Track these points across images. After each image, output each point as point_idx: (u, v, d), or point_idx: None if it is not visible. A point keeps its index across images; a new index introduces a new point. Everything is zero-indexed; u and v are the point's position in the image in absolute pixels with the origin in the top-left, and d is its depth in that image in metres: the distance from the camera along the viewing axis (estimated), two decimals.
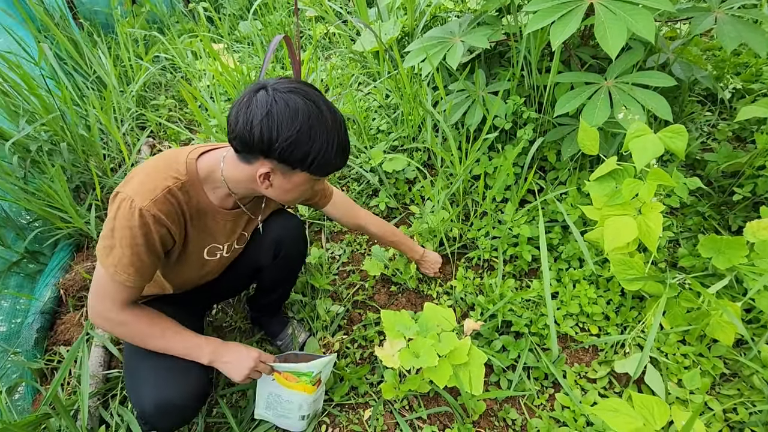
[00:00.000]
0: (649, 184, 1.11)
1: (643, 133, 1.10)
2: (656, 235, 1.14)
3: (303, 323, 1.48)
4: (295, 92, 0.78)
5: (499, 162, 1.72)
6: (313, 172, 0.85)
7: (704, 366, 1.17)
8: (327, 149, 0.81)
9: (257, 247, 1.15)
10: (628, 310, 1.32)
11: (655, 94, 1.35)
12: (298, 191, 0.91)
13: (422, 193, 1.83)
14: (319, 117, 0.79)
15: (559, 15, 1.21)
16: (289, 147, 0.78)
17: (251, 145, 0.79)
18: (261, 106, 0.76)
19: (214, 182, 0.93)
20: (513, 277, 1.55)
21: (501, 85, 1.74)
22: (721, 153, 1.62)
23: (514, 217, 1.56)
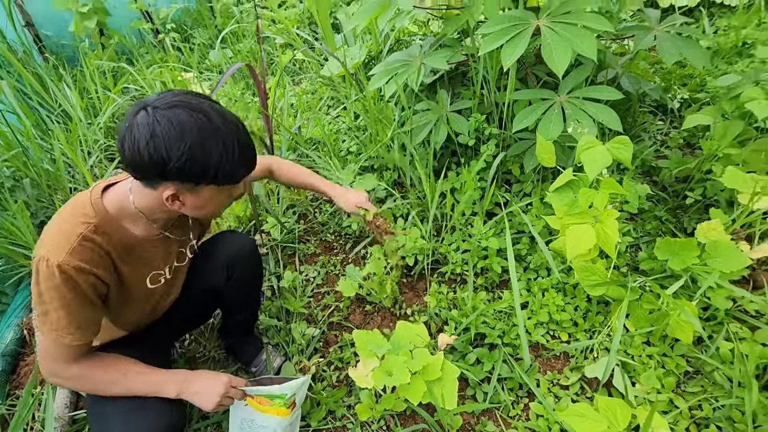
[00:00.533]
0: (602, 194, 1.17)
1: (593, 146, 1.16)
2: (613, 241, 1.19)
3: (278, 348, 1.46)
4: (177, 106, 0.75)
5: (466, 177, 1.77)
6: (220, 183, 0.82)
7: (668, 365, 1.21)
8: (227, 157, 0.78)
9: (209, 269, 1.14)
10: (594, 315, 1.36)
11: (605, 107, 1.43)
12: (215, 204, 0.89)
13: (393, 212, 1.86)
14: (209, 126, 0.76)
15: (509, 37, 1.28)
16: (184, 165, 0.75)
17: (145, 171, 0.77)
18: (143, 128, 0.73)
19: (130, 215, 0.90)
20: (485, 290, 1.57)
21: (463, 104, 1.81)
22: (672, 160, 1.71)
23: (482, 230, 1.60)
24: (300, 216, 1.98)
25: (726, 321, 1.25)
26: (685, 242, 1.23)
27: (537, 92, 1.57)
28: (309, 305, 1.61)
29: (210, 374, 0.98)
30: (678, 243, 1.24)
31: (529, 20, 1.33)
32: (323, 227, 1.93)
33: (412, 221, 1.65)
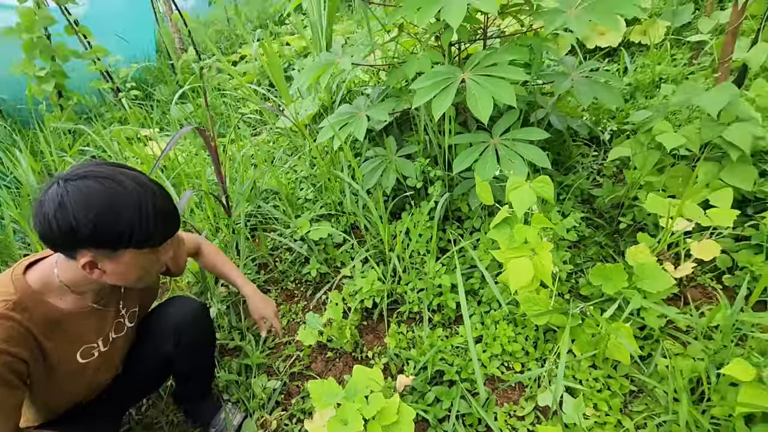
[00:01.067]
0: (533, 229, 1.26)
1: (519, 186, 1.27)
2: (549, 271, 1.27)
3: (238, 405, 1.44)
4: (87, 177, 0.77)
5: (418, 218, 1.85)
6: (138, 246, 0.82)
7: (613, 387, 1.26)
8: (140, 220, 0.79)
9: (157, 336, 1.14)
10: (543, 343, 1.42)
11: (533, 147, 1.55)
12: (138, 269, 0.88)
13: (351, 255, 1.90)
14: (120, 192, 0.78)
15: (437, 91, 1.40)
16: (94, 231, 0.76)
17: (57, 241, 0.78)
18: (52, 200, 0.75)
19: (56, 289, 0.89)
20: (442, 326, 1.62)
21: (410, 149, 1.92)
22: (605, 189, 1.85)
23: (435, 268, 1.66)
24: (260, 266, 1.99)
25: (661, 338, 1.33)
26: (614, 267, 1.32)
27: (474, 135, 1.69)
28: (270, 356, 1.60)
29: None
30: (609, 268, 1.34)
31: (456, 74, 1.47)
32: (284, 275, 1.95)
33: (369, 264, 1.69)
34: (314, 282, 1.89)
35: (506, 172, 1.42)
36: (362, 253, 1.83)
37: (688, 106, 1.61)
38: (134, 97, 4.18)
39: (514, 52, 1.61)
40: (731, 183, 1.53)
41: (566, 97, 2.26)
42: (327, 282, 1.87)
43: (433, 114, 1.37)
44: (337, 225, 1.99)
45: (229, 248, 1.94)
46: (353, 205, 1.87)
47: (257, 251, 1.98)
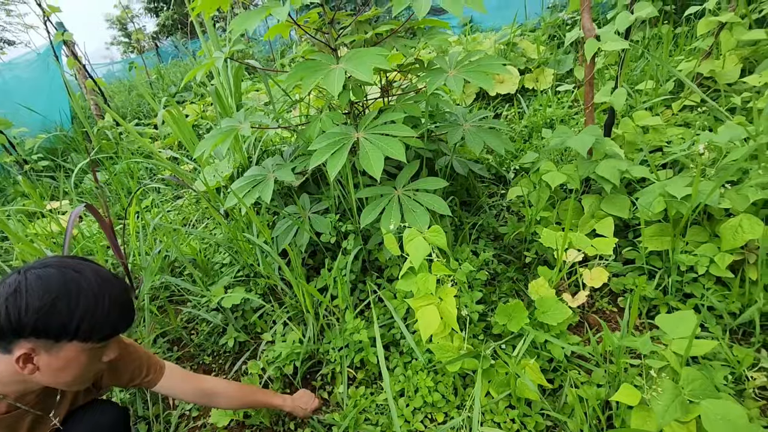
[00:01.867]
0: (432, 277, 1.30)
1: (413, 237, 1.31)
2: (453, 315, 1.30)
3: None
4: (49, 266, 0.78)
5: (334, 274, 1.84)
6: (83, 338, 0.79)
7: (529, 425, 1.28)
8: (94, 310, 0.78)
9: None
10: (462, 389, 1.42)
11: (434, 196, 1.63)
12: (75, 368, 0.82)
13: (272, 319, 1.83)
14: (78, 280, 0.78)
15: (331, 152, 1.45)
16: (42, 318, 0.74)
17: (1, 330, 0.75)
18: (8, 286, 0.75)
19: None
20: (366, 383, 1.57)
21: (323, 205, 1.94)
22: (509, 226, 1.97)
23: (355, 323, 1.64)
24: (173, 342, 1.85)
25: (568, 368, 1.39)
26: (514, 305, 1.38)
27: (380, 189, 1.74)
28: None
29: None
30: (510, 306, 1.39)
31: (351, 133, 1.53)
32: (200, 349, 1.82)
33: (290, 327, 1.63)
34: (233, 352, 1.78)
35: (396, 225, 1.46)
36: (282, 315, 1.77)
37: (564, 147, 1.78)
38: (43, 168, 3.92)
39: (408, 108, 1.72)
40: (611, 212, 1.69)
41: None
42: (247, 350, 1.78)
43: (329, 173, 1.40)
44: (256, 288, 1.93)
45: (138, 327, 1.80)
46: (267, 267, 1.83)
47: (168, 326, 1.85)
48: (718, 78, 2.30)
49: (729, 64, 2.34)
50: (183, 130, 2.46)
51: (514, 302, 1.39)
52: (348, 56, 1.40)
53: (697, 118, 2.21)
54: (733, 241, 1.35)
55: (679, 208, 1.43)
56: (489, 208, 2.18)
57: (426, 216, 1.55)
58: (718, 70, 2.27)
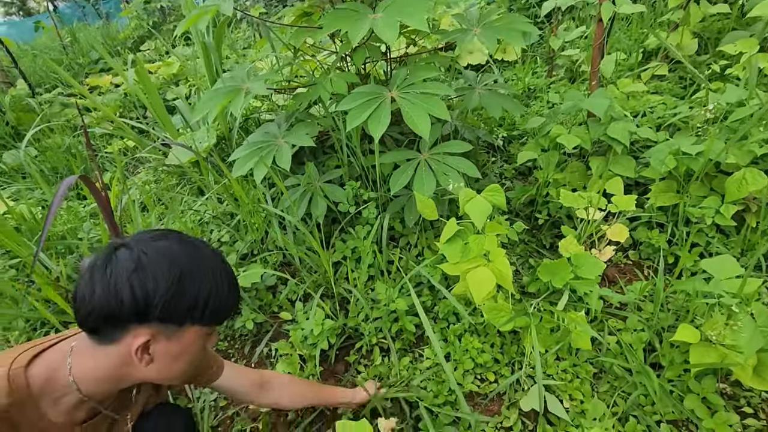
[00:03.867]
0: (489, 237, 1.28)
1: (472, 197, 1.28)
2: (509, 276, 1.30)
3: None
4: (165, 238, 0.69)
5: (355, 243, 1.75)
6: (206, 321, 0.70)
7: (580, 374, 1.34)
8: (217, 288, 0.70)
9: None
10: (510, 347, 1.45)
11: (462, 158, 1.60)
12: (189, 355, 0.73)
13: (289, 296, 1.71)
14: (199, 255, 0.69)
15: (371, 111, 1.35)
16: (172, 299, 0.65)
17: (120, 313, 0.63)
18: (126, 263, 0.64)
19: (56, 391, 0.69)
20: (404, 352, 1.54)
21: (334, 173, 1.82)
22: (517, 190, 2.01)
23: (386, 293, 1.58)
24: None
25: (604, 318, 1.47)
26: (559, 263, 1.42)
27: (401, 153, 1.68)
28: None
29: None
30: (554, 264, 1.43)
31: (382, 93, 1.44)
32: None
33: (317, 304, 1.53)
34: (251, 335, 1.64)
35: (453, 186, 1.42)
36: (303, 290, 1.66)
37: (576, 110, 1.84)
38: None
39: (427, 70, 1.65)
40: (618, 172, 1.79)
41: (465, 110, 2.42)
42: (266, 332, 1.65)
43: (374, 135, 1.31)
44: (265, 265, 1.78)
45: None
46: (284, 239, 1.69)
47: None
48: (682, 50, 2.51)
49: (686, 38, 2.57)
50: (151, 93, 2.15)
51: (557, 260, 1.42)
52: (387, 4, 1.29)
53: (667, 86, 2.41)
54: (738, 193, 1.50)
55: (691, 164, 1.55)
56: (492, 175, 2.21)
57: (460, 179, 1.52)
58: (684, 43, 2.48)
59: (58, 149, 2.95)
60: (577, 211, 1.65)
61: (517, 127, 2.66)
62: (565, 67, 3.08)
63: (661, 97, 2.21)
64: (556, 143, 1.88)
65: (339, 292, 1.68)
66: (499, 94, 1.82)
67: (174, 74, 3.86)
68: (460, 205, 1.30)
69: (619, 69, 2.66)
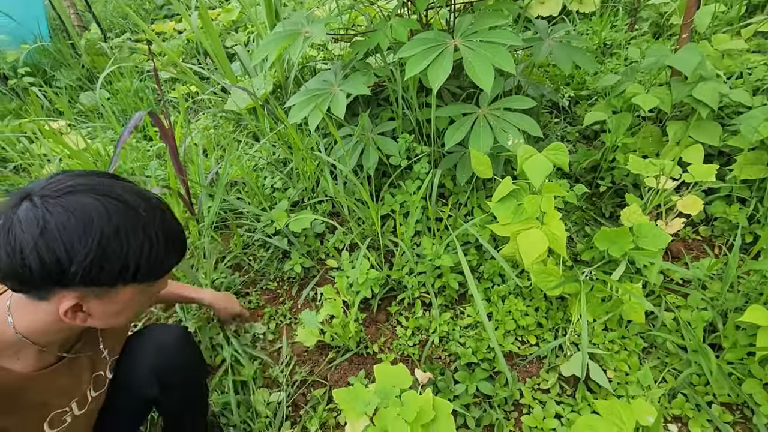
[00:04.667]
0: (546, 198, 1.22)
1: (532, 154, 1.21)
2: (563, 240, 1.25)
3: (240, 427, 1.27)
4: (77, 191, 0.57)
5: (404, 198, 1.75)
6: (142, 280, 0.63)
7: (629, 346, 1.29)
8: (151, 247, 0.61)
9: (135, 379, 0.91)
10: (555, 313, 1.42)
11: (523, 115, 1.51)
12: (132, 308, 0.69)
13: (336, 245, 1.76)
14: (124, 211, 0.59)
15: (432, 58, 1.29)
16: (91, 266, 0.56)
17: (32, 280, 0.56)
18: (29, 224, 0.54)
19: (9, 346, 0.67)
20: (446, 308, 1.56)
21: (387, 125, 1.79)
22: (580, 153, 1.88)
23: (432, 249, 1.58)
24: (234, 268, 1.77)
25: (662, 293, 1.39)
26: (620, 231, 1.33)
27: (459, 107, 1.61)
28: (264, 368, 1.43)
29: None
30: (614, 232, 1.35)
31: (445, 41, 1.36)
32: (262, 275, 1.75)
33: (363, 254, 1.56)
34: (298, 278, 1.72)
35: (513, 142, 1.36)
36: (350, 239, 1.70)
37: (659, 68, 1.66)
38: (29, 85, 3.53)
39: (494, 17, 1.54)
40: (699, 139, 1.61)
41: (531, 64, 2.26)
42: (312, 276, 1.72)
43: (432, 85, 1.26)
44: (315, 213, 1.83)
45: (194, 253, 1.70)
46: (335, 189, 1.71)
47: (228, 251, 1.76)
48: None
49: None
50: (213, 38, 2.18)
51: (618, 228, 1.34)
52: None
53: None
54: None
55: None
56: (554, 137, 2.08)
57: (520, 137, 1.44)
58: None
59: (127, 92, 3.11)
60: (646, 179, 1.53)
61: (587, 87, 2.45)
62: (650, 20, 2.76)
63: (763, 56, 1.93)
64: (629, 104, 1.73)
65: (385, 245, 1.70)
66: (572, 47, 1.67)
67: (233, 21, 3.88)
68: (518, 162, 1.24)
69: (716, 23, 2.34)
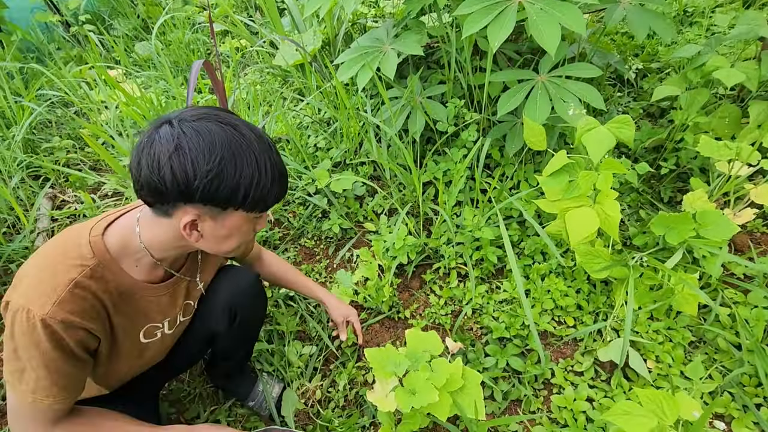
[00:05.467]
0: (604, 175, 1.14)
1: (594, 127, 1.13)
2: (616, 222, 1.18)
3: (273, 375, 1.33)
4: (206, 118, 0.66)
5: (447, 166, 1.70)
6: (249, 208, 0.71)
7: (675, 338, 1.23)
8: (260, 177, 0.68)
9: (208, 313, 0.99)
10: (598, 297, 1.36)
11: (586, 85, 1.40)
12: (238, 236, 0.75)
13: (375, 209, 1.75)
14: (241, 141, 0.66)
15: (493, 16, 1.20)
16: (211, 183, 0.64)
17: (164, 191, 0.64)
18: (166, 141, 0.63)
19: (132, 254, 0.76)
20: (481, 281, 1.53)
21: (436, 89, 1.72)
22: (643, 131, 1.74)
23: (473, 220, 1.54)
24: (273, 223, 1.81)
25: (719, 287, 1.30)
26: (680, 216, 1.24)
27: (515, 73, 1.51)
28: (301, 321, 1.48)
29: (212, 430, 0.86)
30: (673, 217, 1.25)
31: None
32: (300, 233, 1.78)
33: (402, 220, 1.55)
34: (336, 238, 1.74)
35: (576, 113, 1.27)
36: (390, 204, 1.68)
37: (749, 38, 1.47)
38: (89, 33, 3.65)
39: None
40: None
41: (599, 30, 2.08)
42: (349, 238, 1.73)
43: (491, 44, 1.18)
44: (356, 175, 1.82)
45: None
46: (378, 152, 1.69)
47: None
48: None
49: None
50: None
51: (678, 213, 1.25)
52: None
53: None
54: None
55: None
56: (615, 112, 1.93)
57: (581, 108, 1.34)
58: None
59: (179, 44, 3.16)
60: (717, 164, 1.40)
61: (658, 58, 2.25)
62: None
63: None
64: (707, 80, 1.56)
65: (425, 212, 1.67)
66: (650, 11, 1.51)
67: None
68: (577, 134, 1.15)
69: None
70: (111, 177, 2.05)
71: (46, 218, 1.86)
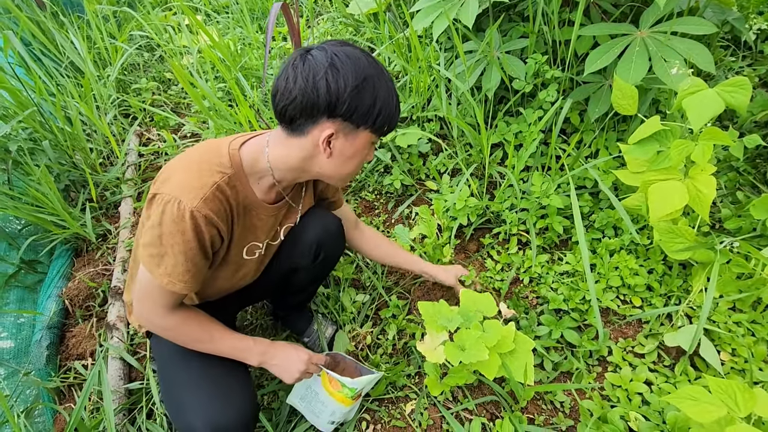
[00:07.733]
0: (703, 145, 1.02)
1: (700, 89, 0.99)
2: (709, 200, 1.06)
3: (327, 317, 1.40)
4: (350, 46, 0.76)
5: (520, 128, 1.61)
6: (377, 128, 0.80)
7: (758, 333, 1.12)
8: (390, 99, 0.78)
9: (297, 248, 1.06)
10: (672, 279, 1.26)
11: (696, 43, 1.23)
12: (358, 159, 0.84)
13: (438, 167, 1.72)
14: (377, 67, 0.76)
15: None
16: (357, 97, 0.73)
17: (315, 103, 0.73)
18: (321, 60, 0.72)
19: (258, 172, 0.85)
20: (543, 251, 1.47)
21: (517, 43, 1.60)
22: (756, 101, 1.52)
23: (542, 187, 1.46)
24: None
25: None
26: None
27: (611, 27, 1.36)
28: (358, 270, 1.53)
29: (290, 348, 0.96)
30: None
31: None
32: (361, 185, 1.81)
33: (465, 181, 1.51)
34: (396, 194, 1.74)
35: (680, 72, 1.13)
36: (454, 163, 1.64)
37: None
38: None
39: None
40: None
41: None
42: (410, 194, 1.72)
43: None
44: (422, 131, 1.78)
45: None
46: (447, 107, 1.63)
47: None
48: None
49: None
50: None
51: None
52: None
53: None
54: None
55: None
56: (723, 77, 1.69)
57: (686, 68, 1.18)
58: None
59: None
60: None
61: None
62: None
63: None
64: None
65: (490, 174, 1.62)
66: None
67: None
68: (678, 97, 1.03)
69: None
70: (191, 119, 2.18)
71: (134, 153, 2.03)
